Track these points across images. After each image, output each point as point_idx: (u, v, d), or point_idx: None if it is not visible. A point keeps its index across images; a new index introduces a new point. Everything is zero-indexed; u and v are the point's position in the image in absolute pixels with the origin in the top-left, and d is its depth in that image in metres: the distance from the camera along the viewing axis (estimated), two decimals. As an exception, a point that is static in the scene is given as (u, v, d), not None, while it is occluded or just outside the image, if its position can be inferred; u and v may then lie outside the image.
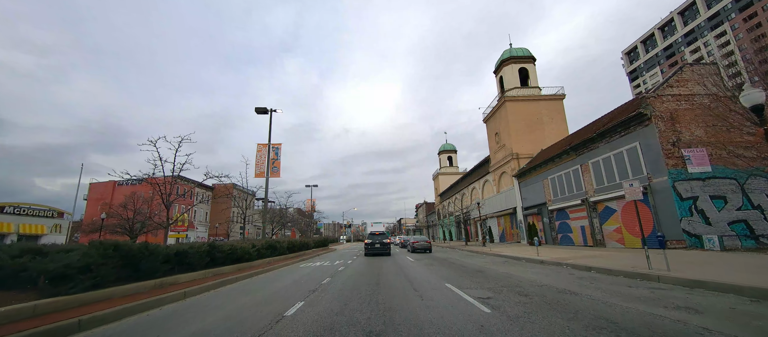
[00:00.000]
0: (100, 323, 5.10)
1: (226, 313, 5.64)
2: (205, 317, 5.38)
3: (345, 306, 5.77)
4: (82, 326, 4.82)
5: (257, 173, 19.35)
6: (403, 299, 6.22)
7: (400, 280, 9.14)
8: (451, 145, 67.07)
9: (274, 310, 5.68)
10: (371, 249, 20.39)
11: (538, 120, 29.96)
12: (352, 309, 5.50)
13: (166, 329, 4.81)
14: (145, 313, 5.88)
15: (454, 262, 14.98)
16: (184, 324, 5.01)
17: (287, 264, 15.93)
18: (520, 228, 28.11)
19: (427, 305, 5.71)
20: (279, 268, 14.28)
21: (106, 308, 5.46)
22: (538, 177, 24.87)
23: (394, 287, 7.77)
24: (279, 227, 48.73)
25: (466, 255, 19.83)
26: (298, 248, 21.01)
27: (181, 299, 7.05)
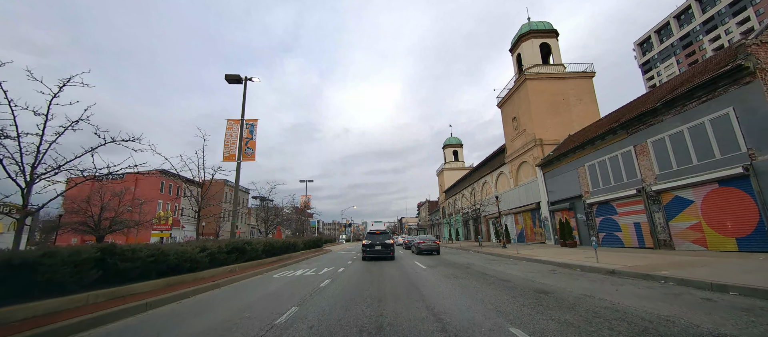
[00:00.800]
0: None
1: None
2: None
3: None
4: None
5: (227, 156, 15.33)
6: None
7: (419, 310, 5.13)
8: (457, 138, 62.97)
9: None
10: (370, 252, 16.38)
11: (564, 101, 25.86)
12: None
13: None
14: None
15: (486, 272, 10.91)
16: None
17: (259, 272, 11.91)
18: (544, 226, 24.04)
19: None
20: (241, 280, 10.26)
21: None
22: (570, 165, 20.79)
23: (415, 333, 3.77)
24: (274, 227, 44.84)
25: (492, 260, 15.77)
26: (280, 250, 16.98)
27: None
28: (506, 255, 17.17)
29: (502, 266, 12.87)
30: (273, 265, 14.33)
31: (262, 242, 14.94)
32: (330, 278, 9.80)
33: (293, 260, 17.11)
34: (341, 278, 10.07)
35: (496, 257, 17.11)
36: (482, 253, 20.54)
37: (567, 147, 21.58)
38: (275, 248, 16.18)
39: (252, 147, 15.50)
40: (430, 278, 9.48)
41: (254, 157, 15.45)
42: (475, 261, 15.17)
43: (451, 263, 14.63)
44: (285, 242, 18.26)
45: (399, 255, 20.25)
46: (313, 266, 14.69)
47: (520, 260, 15.03)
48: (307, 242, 24.29)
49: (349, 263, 15.33)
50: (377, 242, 16.50)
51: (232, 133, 15.43)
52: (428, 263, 14.86)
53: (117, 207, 32.12)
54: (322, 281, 9.51)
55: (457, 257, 18.54)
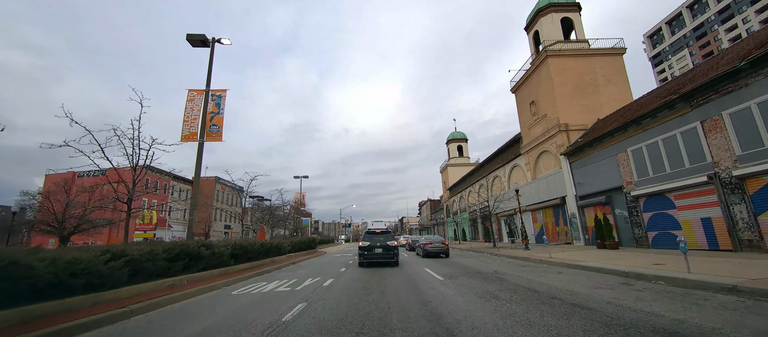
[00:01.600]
0: None
1: None
2: None
3: None
4: None
5: (186, 135, 12.05)
6: None
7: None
8: (461, 133, 59.66)
9: None
10: (369, 256, 13.12)
11: (591, 82, 22.58)
12: None
13: None
14: None
15: (532, 287, 7.63)
16: None
17: (216, 287, 8.67)
18: (571, 224, 20.76)
19: None
20: (179, 300, 7.00)
21: None
22: (607, 152, 17.52)
23: None
24: (271, 227, 41.61)
25: (522, 266, 12.50)
26: (256, 254, 13.71)
27: None
28: (535, 259, 13.91)
29: (542, 275, 9.61)
30: (243, 274, 11.07)
31: (231, 245, 11.67)
32: (305, 301, 6.51)
33: (275, 266, 13.86)
34: (324, 298, 6.80)
35: (524, 262, 13.84)
36: (502, 256, 17.27)
37: (601, 131, 18.30)
38: (249, 252, 12.91)
39: (219, 124, 12.24)
40: (457, 300, 6.22)
41: (221, 136, 12.20)
42: (503, 268, 11.90)
43: (473, 270, 11.35)
44: (266, 244, 14.99)
45: (403, 259, 16.99)
46: (295, 275, 11.43)
47: (560, 266, 11.76)
48: (296, 244, 21.02)
49: (341, 271, 12.06)
50: (377, 243, 13.24)
51: (194, 107, 12.18)
52: (443, 270, 11.59)
53: (86, 204, 28.87)
54: (293, 303, 6.26)
55: (473, 261, 15.28)
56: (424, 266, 13.34)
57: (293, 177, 41.12)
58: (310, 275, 11.28)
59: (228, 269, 11.13)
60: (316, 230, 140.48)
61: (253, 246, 13.30)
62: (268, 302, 6.58)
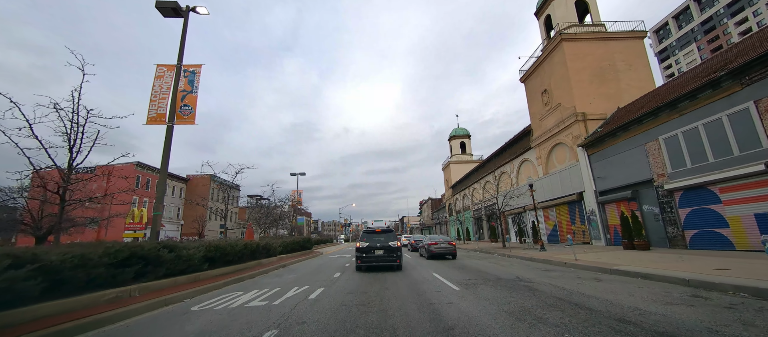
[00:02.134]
0: None
1: None
2: None
3: None
4: None
5: (153, 117, 10.24)
6: None
7: None
8: (464, 129, 57.80)
9: None
10: (368, 259, 11.33)
11: (610, 67, 20.77)
12: None
13: None
14: None
15: (575, 300, 5.81)
16: None
17: (172, 300, 6.88)
18: (590, 222, 18.96)
19: None
20: (113, 322, 5.21)
21: None
22: (632, 141, 15.73)
23: None
24: (268, 227, 39.87)
25: (547, 271, 10.73)
26: (238, 256, 11.91)
27: None
28: (558, 261, 12.12)
29: (579, 283, 7.82)
30: (218, 280, 9.29)
31: (204, 246, 9.89)
32: (276, 328, 4.71)
33: (260, 270, 12.07)
34: (304, 321, 5.00)
35: (546, 266, 12.05)
36: (516, 258, 15.49)
37: (625, 118, 16.50)
38: (229, 254, 11.12)
39: (191, 104, 10.44)
40: (487, 324, 4.44)
41: (194, 118, 10.40)
42: (525, 273, 10.11)
43: (492, 276, 9.56)
44: (251, 245, 13.19)
45: (406, 261, 15.22)
46: (280, 282, 9.65)
47: (592, 270, 9.98)
48: (288, 244, 19.21)
49: (335, 277, 10.26)
50: (377, 243, 11.45)
51: (163, 85, 10.37)
52: (455, 276, 9.80)
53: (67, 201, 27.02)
54: (259, 332, 4.47)
55: (486, 263, 13.49)
56: (431, 270, 11.55)
57: (290, 174, 39.28)
58: (298, 281, 9.49)
59: (199, 275, 9.34)
60: (316, 230, 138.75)
61: (235, 247, 11.51)
62: (227, 327, 4.79)
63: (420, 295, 6.82)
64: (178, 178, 53.31)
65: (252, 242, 13.87)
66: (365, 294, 7.08)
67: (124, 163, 46.29)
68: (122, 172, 44.94)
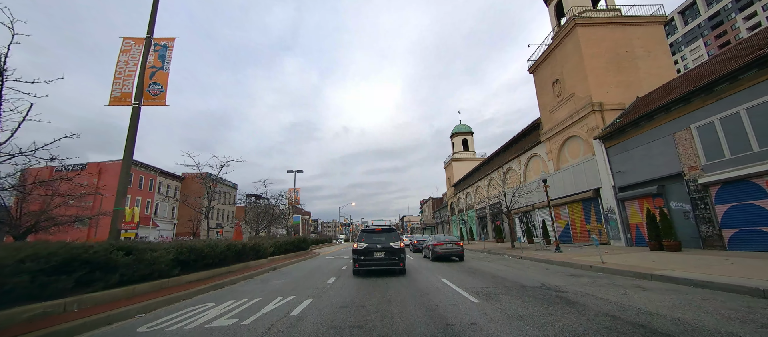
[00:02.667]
0: None
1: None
2: None
3: None
4: None
5: (117, 96, 8.80)
6: None
7: None
8: (467, 126, 56.33)
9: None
10: (367, 261, 9.89)
11: (628, 54, 19.32)
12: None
13: None
14: None
15: (662, 327, 4.31)
16: None
17: (125, 313, 5.46)
18: (608, 221, 17.51)
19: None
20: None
21: None
22: (658, 131, 14.30)
23: None
24: (266, 226, 38.42)
25: (574, 277, 9.33)
26: (218, 259, 10.48)
27: None
28: (582, 265, 10.69)
29: (621, 293, 6.39)
30: (189, 288, 7.87)
31: (176, 248, 8.47)
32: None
33: (245, 274, 10.65)
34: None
35: (570, 270, 10.61)
36: (530, 260, 14.06)
37: (647, 108, 15.06)
38: (207, 257, 9.68)
39: (162, 83, 9.01)
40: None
41: (165, 98, 8.96)
42: (550, 279, 8.69)
43: (513, 283, 8.13)
44: (235, 246, 11.76)
45: (409, 263, 13.79)
46: (263, 290, 8.22)
47: (627, 275, 8.55)
48: (281, 245, 17.77)
49: (329, 283, 8.84)
50: (377, 244, 10.01)
51: (129, 60, 8.94)
52: (469, 282, 8.37)
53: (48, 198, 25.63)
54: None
55: (499, 266, 12.07)
56: (439, 274, 10.12)
57: (287, 171, 37.88)
58: (285, 289, 8.06)
59: (168, 281, 7.92)
60: (316, 230, 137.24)
61: (215, 249, 10.07)
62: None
63: (431, 311, 5.38)
64: (173, 176, 51.83)
65: (237, 242, 12.44)
66: (362, 308, 5.66)
67: (116, 160, 44.99)
68: (116, 172, 43.65)
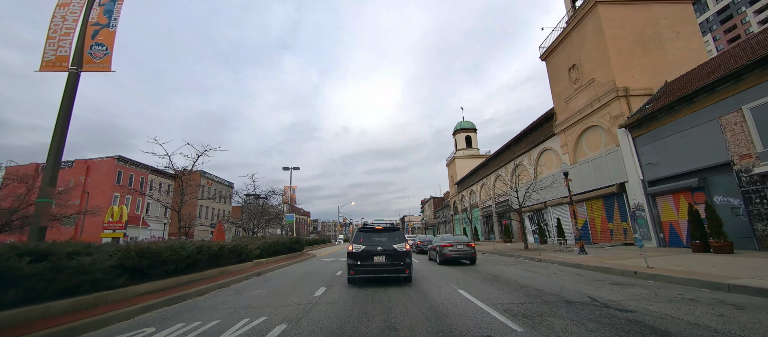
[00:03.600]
0: None
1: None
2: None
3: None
4: None
5: (49, 61, 6.97)
6: None
7: None
8: (470, 122, 54.51)
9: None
10: (365, 268, 8.05)
11: (654, 36, 17.51)
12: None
13: None
14: None
15: None
16: None
17: None
18: (635, 219, 15.69)
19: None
20: None
21: None
22: (698, 116, 12.49)
23: None
24: (263, 226, 36.58)
25: (635, 287, 7.50)
26: (185, 265, 8.65)
27: None
28: (622, 270, 8.86)
29: (715, 315, 4.56)
30: (136, 302, 6.06)
31: (121, 252, 6.66)
32: None
33: (220, 282, 8.84)
34: None
35: (607, 275, 8.81)
36: (550, 262, 12.24)
37: (682, 91, 13.24)
38: (169, 262, 7.85)
39: (107, 44, 7.19)
40: None
41: (110, 63, 7.14)
42: (592, 289, 6.87)
43: (550, 297, 6.30)
44: (210, 249, 9.94)
45: (415, 268, 11.95)
46: (231, 306, 6.40)
47: (701, 286, 6.77)
48: (270, 246, 15.93)
49: (317, 296, 7.02)
50: (378, 247, 8.18)
51: (67, 16, 7.12)
52: (492, 294, 6.55)
53: (23, 197, 23.86)
54: None
55: (520, 272, 10.24)
56: (452, 283, 8.31)
57: (282, 168, 36.07)
58: (257, 305, 6.24)
59: (108, 295, 6.11)
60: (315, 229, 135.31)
61: (179, 252, 8.24)
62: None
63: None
64: (166, 174, 49.99)
65: (214, 244, 10.62)
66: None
67: (105, 158, 43.17)
68: (104, 169, 41.88)
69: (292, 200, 36.73)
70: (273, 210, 40.62)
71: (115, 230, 37.26)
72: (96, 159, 41.85)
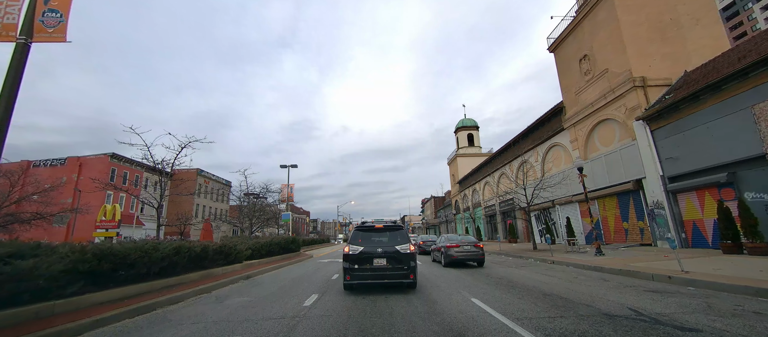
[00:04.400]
0: None
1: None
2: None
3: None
4: None
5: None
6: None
7: None
8: (472, 119, 53.44)
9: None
10: (363, 272, 7.01)
11: (673, 23, 16.48)
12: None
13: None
14: None
15: None
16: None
17: None
18: (654, 218, 14.64)
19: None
20: None
21: None
22: (726, 105, 11.47)
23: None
24: (261, 226, 35.55)
25: (673, 295, 6.41)
26: (164, 269, 7.63)
27: None
28: (653, 274, 7.85)
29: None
30: (89, 315, 5.04)
31: (77, 252, 5.64)
32: None
33: (199, 287, 7.84)
34: None
35: (637, 280, 7.80)
36: (566, 265, 11.22)
37: (708, 79, 12.21)
38: (134, 264, 6.84)
39: (62, 10, 6.16)
40: None
41: (65, 32, 6.11)
42: (629, 298, 5.86)
43: (585, 308, 5.24)
44: (191, 250, 8.92)
45: (420, 272, 10.93)
46: (203, 319, 5.39)
47: (745, 294, 5.72)
48: (262, 246, 14.90)
49: (305, 306, 5.99)
50: (378, 249, 7.14)
51: (16, -24, 6.10)
52: (515, 305, 5.51)
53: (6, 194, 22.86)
54: None
55: (535, 275, 9.21)
56: (463, 289, 7.30)
57: (280, 166, 35.05)
58: (233, 320, 5.21)
59: (55, 305, 5.10)
60: (315, 229, 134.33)
61: (151, 254, 7.22)
62: None
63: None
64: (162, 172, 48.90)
65: (196, 244, 9.60)
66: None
67: (99, 155, 42.15)
68: (98, 167, 40.85)
69: (290, 198, 35.71)
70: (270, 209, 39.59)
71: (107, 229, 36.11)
72: (89, 156, 40.88)
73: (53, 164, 40.69)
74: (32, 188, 29.30)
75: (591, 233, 19.33)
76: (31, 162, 40.73)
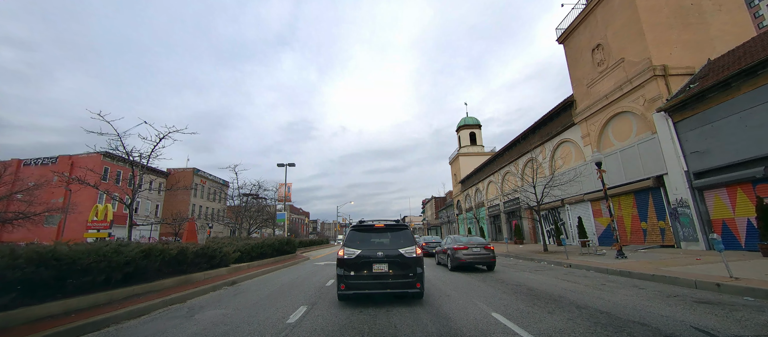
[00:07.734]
0: None
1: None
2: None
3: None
4: None
5: None
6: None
7: None
8: (474, 118, 52.32)
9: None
10: (360, 280, 5.86)
11: (695, 8, 15.39)
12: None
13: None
14: None
15: None
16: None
17: None
18: (677, 217, 13.53)
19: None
20: None
21: None
22: (761, 93, 10.36)
23: None
24: (259, 226, 34.41)
25: (743, 310, 5.20)
26: (131, 275, 6.54)
27: None
28: (694, 280, 6.80)
29: None
30: (21, 335, 3.97)
31: (4, 258, 4.55)
32: None
33: (175, 295, 6.76)
34: None
35: (675, 287, 6.77)
36: (586, 268, 10.13)
37: (739, 65, 11.11)
38: (91, 270, 5.76)
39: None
40: None
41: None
42: (687, 314, 4.74)
43: (641, 327, 4.09)
44: (166, 253, 7.85)
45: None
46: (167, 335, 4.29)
47: None
48: (253, 248, 13.78)
49: (289, 323, 4.89)
50: (378, 252, 6.01)
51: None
52: (547, 323, 4.38)
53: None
54: None
55: (556, 282, 8.10)
56: (477, 299, 6.21)
57: (277, 164, 33.96)
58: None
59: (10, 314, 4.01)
60: (315, 230, 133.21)
61: (114, 257, 6.15)
62: None
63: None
64: (157, 171, 47.98)
65: (172, 246, 8.52)
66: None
67: (90, 153, 41.13)
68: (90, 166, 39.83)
69: (287, 198, 34.61)
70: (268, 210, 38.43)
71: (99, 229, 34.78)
72: (81, 155, 39.85)
73: (44, 163, 39.66)
74: (19, 187, 28.26)
75: (605, 234, 18.21)
76: (21, 161, 39.74)
